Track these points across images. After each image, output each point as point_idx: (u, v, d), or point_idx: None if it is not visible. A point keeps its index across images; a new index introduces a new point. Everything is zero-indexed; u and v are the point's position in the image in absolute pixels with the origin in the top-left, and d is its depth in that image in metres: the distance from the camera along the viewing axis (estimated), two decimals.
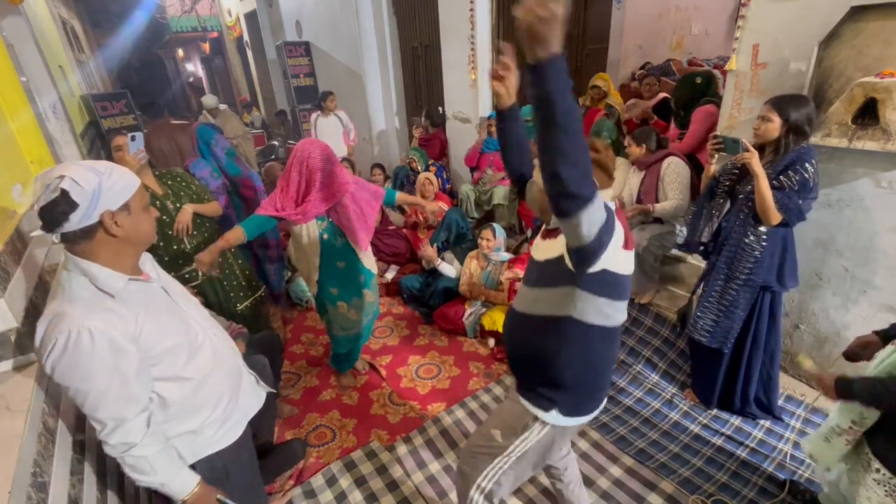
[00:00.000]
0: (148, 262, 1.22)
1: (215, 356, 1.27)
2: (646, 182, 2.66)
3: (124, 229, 1.05)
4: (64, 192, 0.96)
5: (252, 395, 1.43)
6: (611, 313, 1.18)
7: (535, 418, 1.27)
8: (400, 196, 2.43)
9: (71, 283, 1.03)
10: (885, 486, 1.26)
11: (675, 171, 2.54)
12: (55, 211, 0.97)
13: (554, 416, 1.25)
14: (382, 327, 3.21)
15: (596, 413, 1.33)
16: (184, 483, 1.16)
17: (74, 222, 0.99)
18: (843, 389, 1.32)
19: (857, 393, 1.29)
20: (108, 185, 1.01)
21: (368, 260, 2.32)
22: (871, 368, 1.36)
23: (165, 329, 1.14)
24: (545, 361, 1.23)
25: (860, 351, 1.49)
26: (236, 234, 1.99)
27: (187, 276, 2.16)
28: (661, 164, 2.59)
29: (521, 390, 1.32)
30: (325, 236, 2.16)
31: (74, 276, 1.04)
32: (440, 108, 4.74)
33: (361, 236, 2.20)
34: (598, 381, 1.30)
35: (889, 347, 1.35)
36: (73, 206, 0.97)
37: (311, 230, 2.13)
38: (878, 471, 1.28)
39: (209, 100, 5.29)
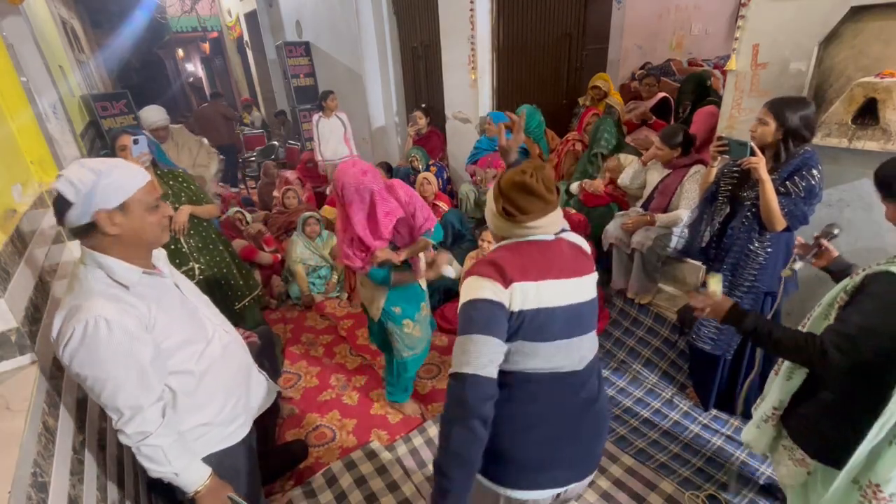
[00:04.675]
0: (161, 259, 1.25)
1: (224, 352, 1.29)
2: (667, 181, 2.61)
3: (121, 228, 1.06)
4: (59, 193, 1.01)
5: (262, 391, 1.45)
6: (516, 358, 1.03)
7: None
8: (431, 254, 2.26)
9: (87, 276, 1.06)
10: (788, 451, 1.34)
11: (698, 179, 2.45)
12: (56, 208, 1.03)
13: None
14: None
15: (529, 493, 1.08)
16: (197, 474, 1.17)
17: (73, 219, 1.03)
18: (734, 316, 1.31)
19: (746, 324, 1.27)
20: (103, 185, 1.03)
21: (450, 269, 2.20)
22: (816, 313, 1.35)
23: (177, 322, 1.17)
24: None
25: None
26: (385, 253, 1.98)
27: (183, 275, 2.16)
28: (687, 169, 2.53)
29: None
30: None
31: (91, 270, 1.07)
32: (422, 105, 4.73)
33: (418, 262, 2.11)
34: (503, 443, 1.05)
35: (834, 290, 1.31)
36: (68, 204, 1.01)
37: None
38: (785, 437, 1.37)
39: (152, 114, 3.33)
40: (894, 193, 1.21)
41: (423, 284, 2.24)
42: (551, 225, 1.09)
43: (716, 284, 1.40)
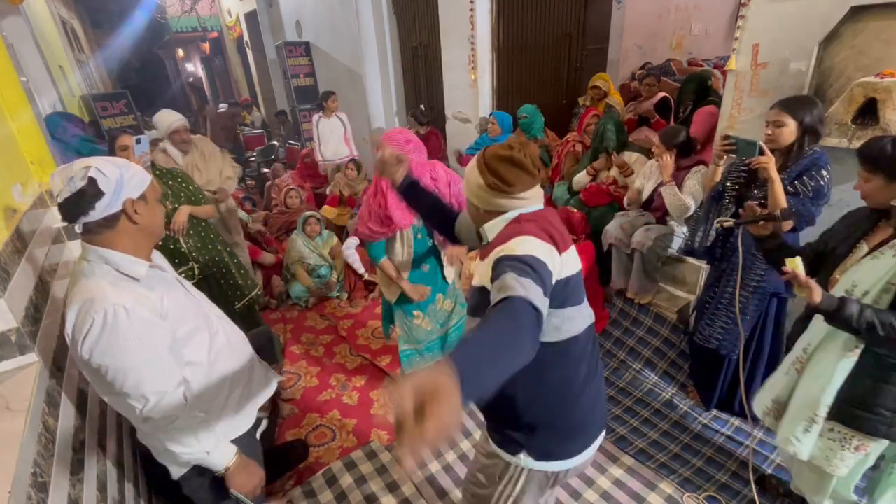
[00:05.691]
0: (157, 257, 1.26)
1: (229, 343, 1.32)
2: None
3: (143, 217, 1.11)
4: (92, 181, 1.02)
5: (263, 382, 1.47)
6: (559, 324, 1.04)
7: (508, 464, 1.15)
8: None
9: (94, 271, 1.07)
10: (840, 443, 1.41)
11: (699, 179, 2.42)
12: (82, 200, 1.02)
13: (524, 460, 1.12)
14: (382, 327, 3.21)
15: (585, 456, 1.16)
16: (226, 451, 1.21)
17: (100, 210, 1.04)
18: (831, 299, 1.25)
19: (850, 308, 1.22)
20: (128, 176, 1.07)
21: (450, 270, 2.09)
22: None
23: (186, 312, 1.19)
24: (499, 399, 1.08)
25: None
26: (388, 265, 1.98)
27: (182, 275, 2.17)
28: (688, 170, 2.50)
29: (489, 430, 1.20)
30: (419, 235, 1.99)
31: (96, 265, 1.08)
32: (422, 107, 4.72)
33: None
34: (567, 414, 1.11)
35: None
36: (100, 194, 1.02)
37: (407, 234, 1.96)
38: (830, 430, 1.42)
39: (166, 115, 2.83)
40: (881, 168, 1.27)
41: (450, 277, 2.16)
42: (538, 198, 1.12)
43: (801, 267, 1.35)
